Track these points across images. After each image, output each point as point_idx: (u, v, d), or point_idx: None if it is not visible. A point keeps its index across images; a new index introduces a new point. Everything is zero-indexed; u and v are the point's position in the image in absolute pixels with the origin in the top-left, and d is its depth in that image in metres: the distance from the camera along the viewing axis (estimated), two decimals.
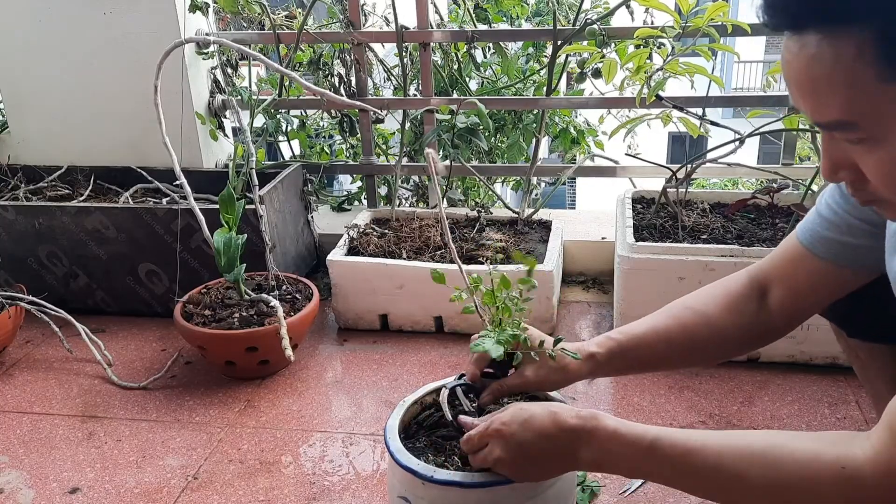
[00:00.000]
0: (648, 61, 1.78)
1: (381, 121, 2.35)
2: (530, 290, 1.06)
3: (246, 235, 1.71)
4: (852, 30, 0.62)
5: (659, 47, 1.79)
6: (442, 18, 2.38)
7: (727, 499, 0.83)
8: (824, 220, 0.95)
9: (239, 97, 2.17)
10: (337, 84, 2.35)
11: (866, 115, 0.65)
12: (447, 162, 2.11)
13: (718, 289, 1.07)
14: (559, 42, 2.04)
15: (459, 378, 1.12)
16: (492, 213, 2.14)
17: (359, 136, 2.39)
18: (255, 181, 1.80)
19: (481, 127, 1.94)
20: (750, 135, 1.87)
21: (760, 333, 1.05)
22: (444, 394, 1.10)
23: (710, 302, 1.05)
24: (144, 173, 2.22)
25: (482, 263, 1.81)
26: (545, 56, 2.49)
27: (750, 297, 1.03)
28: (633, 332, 1.06)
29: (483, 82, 2.56)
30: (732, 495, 0.81)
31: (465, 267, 1.15)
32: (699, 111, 1.91)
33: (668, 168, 2.03)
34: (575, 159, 2.57)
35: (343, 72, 2.34)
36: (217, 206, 1.73)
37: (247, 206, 1.78)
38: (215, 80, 2.29)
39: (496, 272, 1.06)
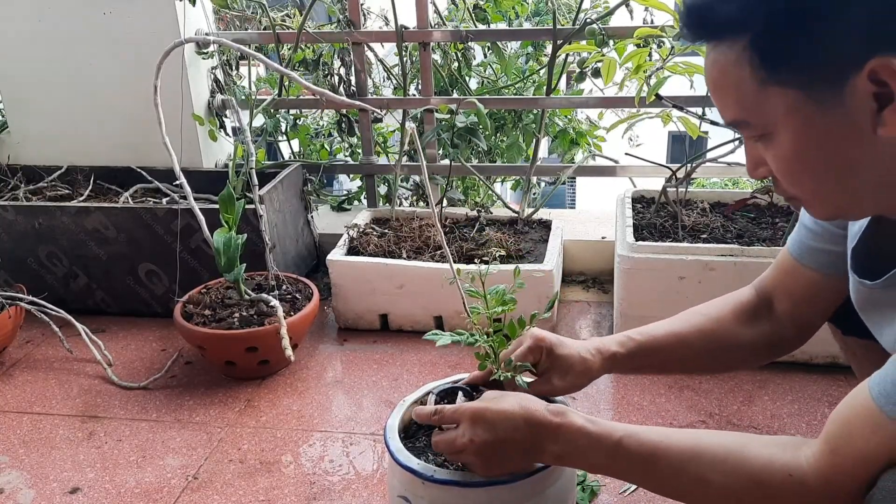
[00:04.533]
0: (648, 60, 1.78)
1: (380, 119, 2.34)
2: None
3: (246, 235, 1.71)
4: (734, 40, 0.71)
5: (659, 46, 1.79)
6: (441, 18, 2.38)
7: (688, 500, 0.85)
8: (808, 230, 0.98)
9: (238, 97, 2.17)
10: (337, 84, 2.34)
11: (753, 114, 0.73)
12: (447, 161, 2.11)
13: (729, 300, 1.09)
14: (559, 42, 2.04)
15: (456, 382, 1.12)
16: (492, 213, 2.14)
17: (358, 135, 2.39)
18: (255, 181, 1.80)
19: (481, 127, 1.94)
20: None
21: (773, 343, 1.07)
22: (432, 399, 1.10)
23: (724, 311, 1.08)
24: (144, 173, 2.22)
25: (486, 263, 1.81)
26: (545, 56, 2.49)
27: (759, 307, 1.07)
28: (653, 335, 1.08)
29: (483, 82, 2.56)
30: (694, 497, 0.84)
31: (464, 267, 1.14)
32: (699, 111, 1.91)
33: (668, 168, 2.03)
34: (574, 160, 2.56)
35: (343, 71, 2.34)
36: (217, 206, 1.73)
37: (247, 206, 1.78)
38: (215, 80, 2.29)
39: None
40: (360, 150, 2.40)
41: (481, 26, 2.42)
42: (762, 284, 1.08)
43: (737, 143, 1.87)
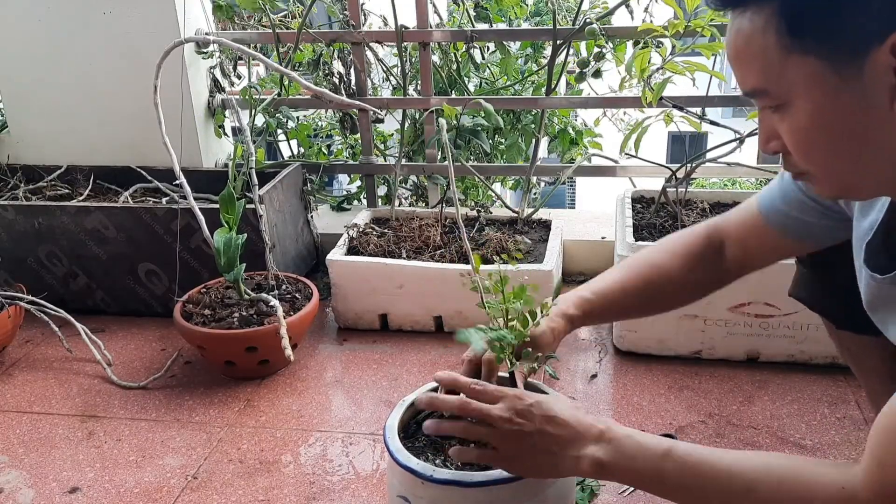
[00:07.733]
0: (648, 62, 1.78)
1: (381, 121, 2.35)
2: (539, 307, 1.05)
3: (246, 235, 1.71)
4: (761, 6, 0.71)
5: (658, 46, 1.79)
6: (441, 18, 2.38)
7: None
8: (782, 192, 1.00)
9: (247, 91, 2.16)
10: (337, 84, 2.35)
11: (774, 82, 0.73)
12: (446, 162, 2.11)
13: (679, 245, 1.14)
14: (559, 42, 2.04)
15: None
16: (491, 213, 2.14)
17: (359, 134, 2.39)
18: (255, 181, 1.80)
19: (482, 127, 1.94)
20: (750, 135, 1.87)
21: (714, 283, 1.14)
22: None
23: (672, 259, 1.13)
24: (144, 173, 2.22)
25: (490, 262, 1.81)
26: (543, 57, 2.49)
27: (709, 252, 1.11)
28: (603, 291, 1.14)
29: (481, 82, 2.55)
30: None
31: (460, 266, 1.14)
32: (699, 111, 1.91)
33: (667, 168, 2.03)
34: (574, 160, 2.56)
35: (343, 71, 2.34)
36: (217, 206, 1.73)
37: (247, 206, 1.78)
38: (215, 80, 2.29)
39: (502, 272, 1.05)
40: (360, 150, 2.40)
41: (481, 26, 2.41)
42: (719, 228, 1.11)
43: (737, 143, 1.87)
